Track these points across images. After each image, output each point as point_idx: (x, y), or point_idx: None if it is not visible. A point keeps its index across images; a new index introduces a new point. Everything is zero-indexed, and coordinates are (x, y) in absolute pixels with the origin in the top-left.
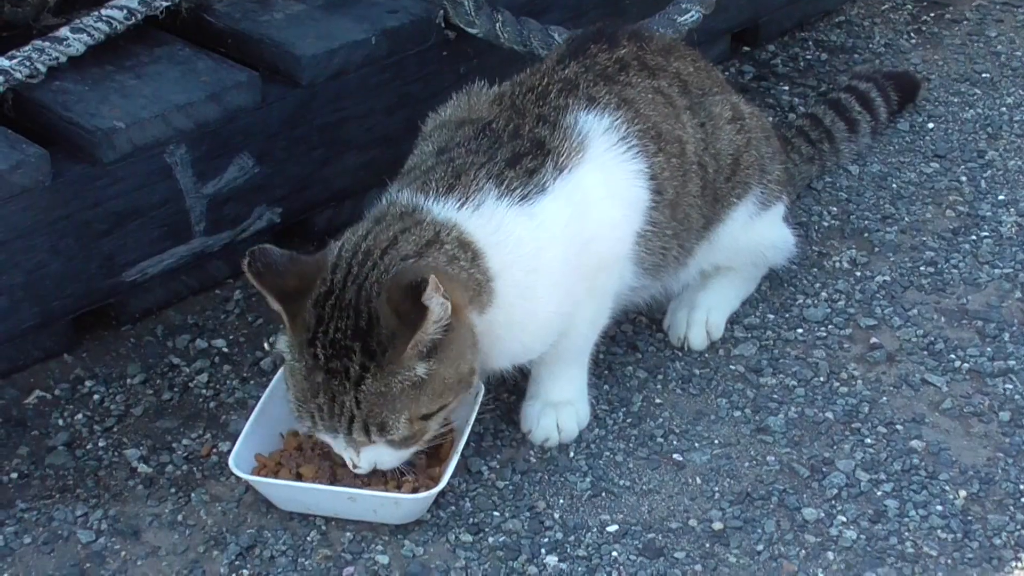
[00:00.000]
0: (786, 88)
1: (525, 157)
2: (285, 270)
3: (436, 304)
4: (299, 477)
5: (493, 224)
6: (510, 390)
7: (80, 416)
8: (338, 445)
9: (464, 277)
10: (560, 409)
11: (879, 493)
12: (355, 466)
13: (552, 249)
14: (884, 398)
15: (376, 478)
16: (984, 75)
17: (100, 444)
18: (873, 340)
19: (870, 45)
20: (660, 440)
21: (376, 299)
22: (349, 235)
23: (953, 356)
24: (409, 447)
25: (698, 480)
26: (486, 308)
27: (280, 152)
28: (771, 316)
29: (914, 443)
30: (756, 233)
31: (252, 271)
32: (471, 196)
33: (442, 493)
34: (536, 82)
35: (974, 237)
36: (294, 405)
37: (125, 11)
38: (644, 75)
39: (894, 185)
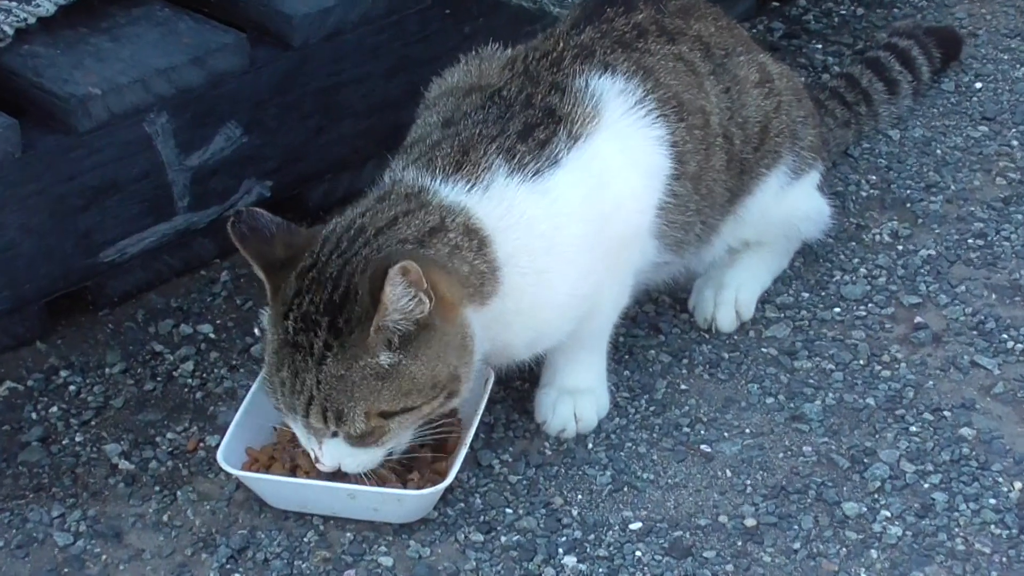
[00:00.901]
0: (819, 46)
1: (537, 128)
2: (273, 237)
3: (393, 292)
4: (294, 472)
5: (503, 207)
6: (523, 377)
7: (55, 409)
8: (300, 432)
9: (465, 271)
10: (578, 397)
11: (926, 485)
12: (317, 461)
13: (568, 227)
14: (930, 382)
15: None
16: None
17: (77, 439)
18: (917, 319)
19: None
20: (686, 430)
21: (359, 276)
22: (348, 211)
23: (1005, 336)
24: (368, 447)
25: (728, 473)
26: (490, 299)
27: (270, 120)
28: (806, 294)
29: (963, 431)
30: (788, 204)
31: (236, 234)
32: (480, 176)
33: (450, 489)
34: (550, 47)
35: None
36: (265, 379)
37: None
38: (663, 41)
39: (938, 151)
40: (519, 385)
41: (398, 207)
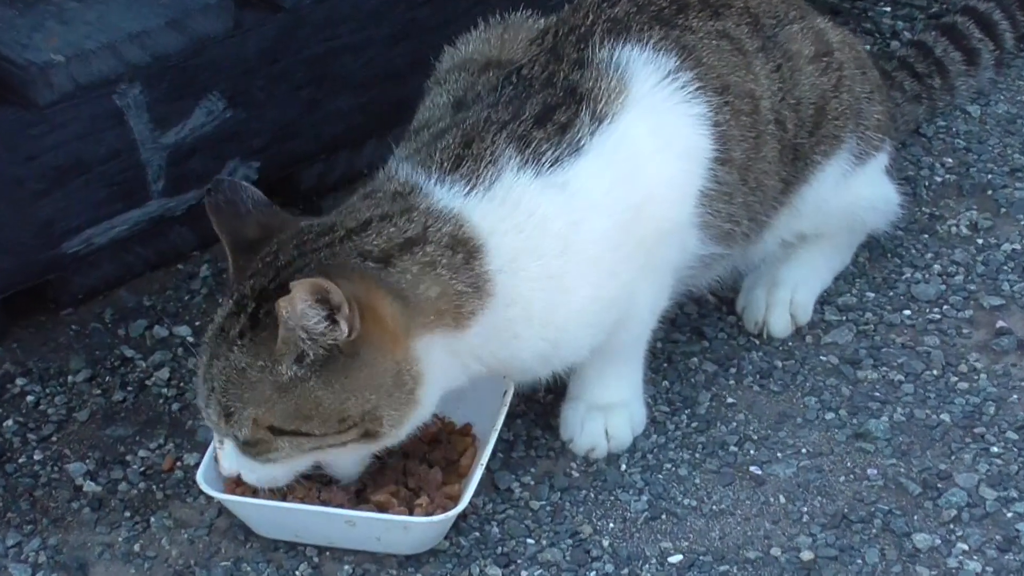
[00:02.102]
0: (887, 9)
1: (557, 110)
2: (248, 215)
3: (293, 308)
4: (284, 496)
5: (508, 205)
6: (547, 388)
7: (10, 422)
8: (207, 421)
9: (431, 295)
10: (610, 412)
11: (1009, 515)
12: (218, 461)
13: (589, 223)
14: (1014, 396)
15: (377, 496)
16: None
17: (36, 457)
18: (1000, 324)
19: None
20: (734, 449)
21: (296, 275)
22: (339, 208)
23: None
24: (257, 457)
25: (782, 499)
26: (471, 319)
27: (258, 92)
28: (871, 294)
29: None
30: (851, 192)
31: (211, 203)
32: (483, 174)
33: (463, 515)
34: (579, 21)
35: None
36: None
37: None
38: (706, 16)
39: None
40: (543, 397)
41: (377, 208)
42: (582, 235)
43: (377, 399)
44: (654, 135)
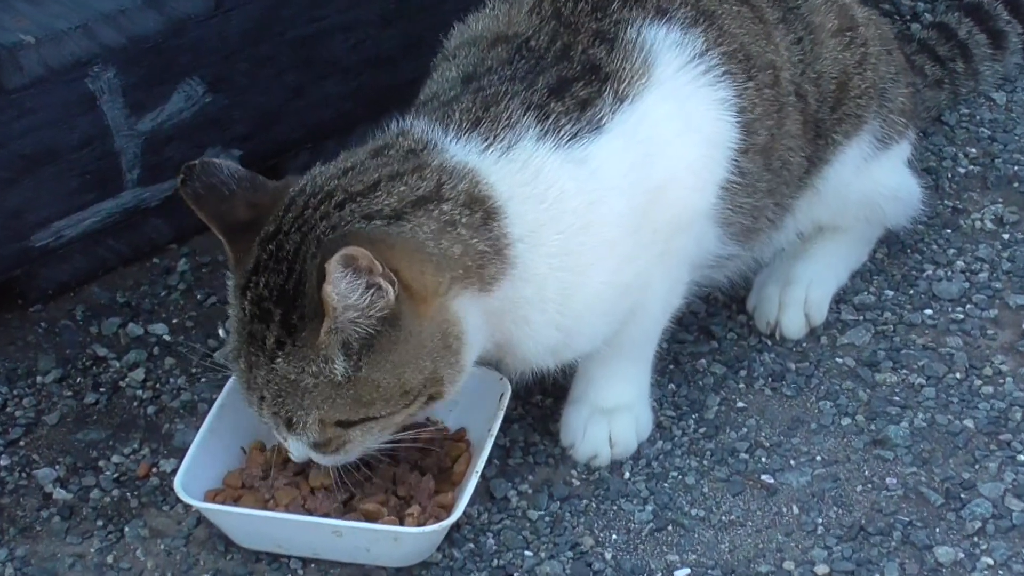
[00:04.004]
0: None
1: (575, 84)
2: (233, 195)
3: (337, 290)
4: (265, 504)
5: (528, 172)
6: (546, 390)
7: None
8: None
9: (455, 252)
10: (614, 416)
11: None
12: (287, 450)
13: (608, 203)
14: None
15: (366, 505)
16: None
17: (2, 463)
18: None
19: None
20: (744, 456)
21: (309, 261)
22: (333, 162)
23: None
24: (332, 453)
25: (795, 509)
26: (495, 283)
27: (240, 76)
28: (890, 292)
29: None
30: (871, 180)
31: (189, 193)
32: (501, 134)
33: (456, 526)
34: None
35: None
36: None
37: None
38: None
39: None
40: (541, 400)
41: (387, 168)
42: (600, 215)
43: (432, 363)
44: (676, 118)
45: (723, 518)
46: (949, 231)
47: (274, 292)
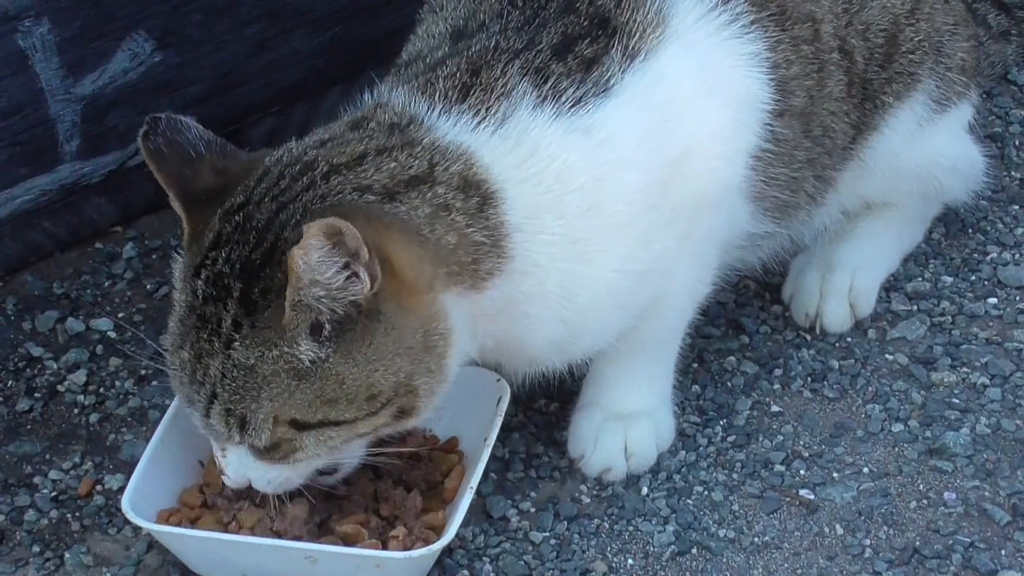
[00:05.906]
0: None
1: (580, 41)
2: (200, 158)
3: (307, 257)
4: (226, 528)
5: (524, 149)
6: (551, 394)
7: None
8: (203, 428)
9: (449, 242)
10: (631, 423)
11: None
12: (223, 472)
13: (620, 178)
14: None
15: (344, 527)
16: None
17: None
18: None
19: None
20: (779, 468)
21: (290, 230)
22: (310, 135)
23: None
24: (277, 464)
25: (839, 529)
26: (488, 281)
27: (194, 30)
28: (948, 279)
29: None
30: (927, 147)
31: (149, 148)
32: (494, 106)
33: (448, 549)
34: None
35: None
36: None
37: None
38: None
39: None
40: (545, 405)
41: (373, 141)
42: (609, 193)
43: (409, 365)
44: (696, 77)
45: (755, 540)
46: (1017, 207)
47: (236, 265)
